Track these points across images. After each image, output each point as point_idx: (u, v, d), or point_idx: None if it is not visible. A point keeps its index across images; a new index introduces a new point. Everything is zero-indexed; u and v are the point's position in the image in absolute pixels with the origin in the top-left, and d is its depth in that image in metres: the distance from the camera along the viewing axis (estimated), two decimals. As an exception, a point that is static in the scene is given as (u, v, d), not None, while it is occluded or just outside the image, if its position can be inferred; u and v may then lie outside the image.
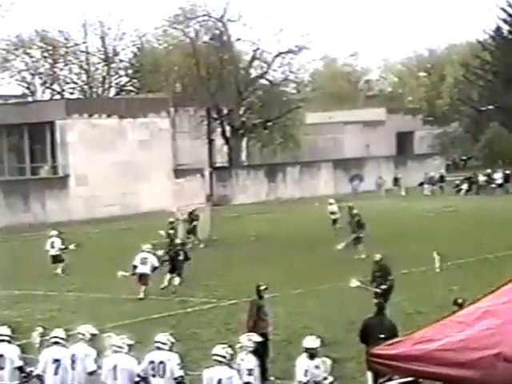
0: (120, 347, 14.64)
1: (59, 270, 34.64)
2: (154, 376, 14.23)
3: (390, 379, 11.73)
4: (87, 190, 61.38)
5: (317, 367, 14.07)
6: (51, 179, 63.36)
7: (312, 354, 14.08)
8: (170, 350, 14.37)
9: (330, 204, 46.58)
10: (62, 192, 61.95)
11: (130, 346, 14.70)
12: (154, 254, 30.17)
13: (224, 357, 13.60)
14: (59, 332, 15.38)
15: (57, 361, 15.02)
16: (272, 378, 17.66)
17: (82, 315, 22.26)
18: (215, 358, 13.63)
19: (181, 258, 30.84)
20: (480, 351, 9.79)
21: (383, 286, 22.60)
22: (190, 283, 30.51)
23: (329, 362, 14.26)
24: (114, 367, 14.48)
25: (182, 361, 14.27)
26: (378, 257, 23.61)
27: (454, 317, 10.81)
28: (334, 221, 44.92)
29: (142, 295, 28.91)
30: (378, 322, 16.89)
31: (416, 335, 10.62)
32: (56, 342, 15.20)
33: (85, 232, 49.75)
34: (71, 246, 35.54)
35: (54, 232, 36.33)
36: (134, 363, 14.48)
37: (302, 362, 14.12)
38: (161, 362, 14.24)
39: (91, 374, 14.84)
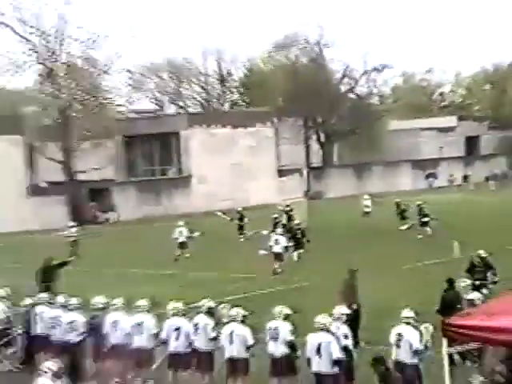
0: (235, 317, 14.75)
1: (187, 255, 34.69)
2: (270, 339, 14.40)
3: (461, 344, 11.57)
4: (206, 188, 61.93)
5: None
6: (177, 179, 64.12)
7: (408, 322, 13.84)
8: (285, 319, 14.49)
9: (365, 199, 46.21)
10: (186, 189, 62.65)
11: (244, 316, 14.81)
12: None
13: (324, 324, 13.60)
14: (178, 305, 15.53)
15: (177, 329, 15.22)
16: (362, 344, 17.53)
17: (202, 291, 22.41)
18: (317, 325, 13.63)
19: (299, 236, 32.23)
20: None
21: (496, 279, 20.70)
22: (294, 265, 30.49)
23: (431, 327, 13.87)
24: (231, 333, 14.60)
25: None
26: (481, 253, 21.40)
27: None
28: (366, 213, 44.79)
29: (279, 270, 29.19)
30: (453, 296, 16.65)
31: (484, 306, 10.45)
32: (175, 314, 15.39)
33: (205, 222, 50.20)
34: (196, 234, 35.83)
35: (181, 222, 36.59)
36: (247, 330, 14.57)
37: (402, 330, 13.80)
38: (275, 328, 14.40)
39: (212, 339, 14.99)
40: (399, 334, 13.68)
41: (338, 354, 13.31)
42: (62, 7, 57.56)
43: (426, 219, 38.65)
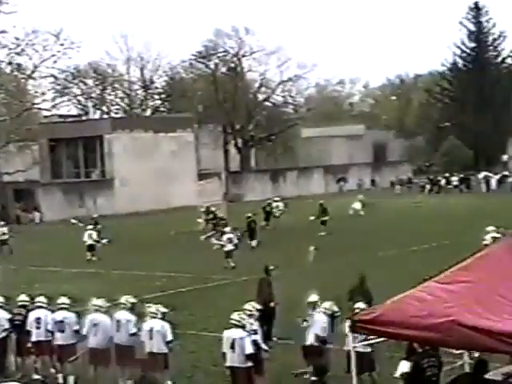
0: (155, 314, 14.68)
1: (93, 258, 33.96)
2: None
3: (366, 339, 11.73)
4: (129, 190, 61.37)
5: None
6: (100, 181, 63.40)
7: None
8: (162, 318, 14.49)
9: (276, 201, 46.70)
10: (109, 191, 62.00)
11: (163, 313, 14.75)
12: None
13: (238, 321, 13.65)
14: (99, 301, 15.39)
15: (96, 325, 15.08)
16: (274, 339, 17.62)
17: (123, 289, 22.25)
18: (232, 321, 13.69)
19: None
20: (440, 318, 9.78)
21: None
22: (212, 264, 30.52)
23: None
24: (151, 330, 14.53)
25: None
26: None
27: (418, 289, 10.79)
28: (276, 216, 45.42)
29: (232, 265, 29.28)
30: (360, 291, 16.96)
31: (388, 303, 10.59)
32: (96, 310, 15.26)
33: (128, 224, 49.95)
34: (104, 240, 35.44)
35: (91, 226, 35.99)
36: (167, 327, 14.52)
37: None
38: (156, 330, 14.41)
39: (132, 335, 14.89)
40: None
41: (250, 349, 13.39)
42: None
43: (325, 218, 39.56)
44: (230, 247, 30.14)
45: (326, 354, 14.27)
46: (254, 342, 13.65)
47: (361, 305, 13.99)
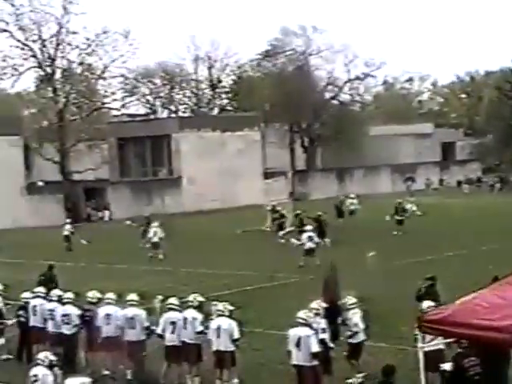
0: (222, 312, 14.79)
1: (160, 256, 33.86)
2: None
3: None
4: (196, 189, 61.80)
5: None
6: (168, 180, 64.04)
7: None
8: (229, 316, 14.58)
9: (352, 198, 46.34)
10: (177, 190, 62.57)
11: (230, 311, 14.85)
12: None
13: (304, 319, 13.66)
14: (173, 300, 15.58)
15: (173, 323, 15.25)
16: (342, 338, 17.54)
17: (191, 287, 22.46)
18: (297, 320, 13.71)
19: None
20: (509, 319, 9.67)
21: None
22: (278, 263, 30.54)
23: None
24: (218, 328, 14.64)
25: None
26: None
27: (487, 290, 10.68)
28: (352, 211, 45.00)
29: (317, 262, 28.32)
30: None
31: (457, 304, 10.50)
32: (171, 308, 15.43)
33: (194, 222, 50.37)
34: (161, 235, 34.78)
35: (156, 223, 35.85)
36: (234, 325, 14.62)
37: None
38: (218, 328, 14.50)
39: (199, 333, 15.02)
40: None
41: (316, 347, 13.39)
42: (60, 14, 57.45)
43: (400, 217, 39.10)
44: (310, 245, 30.06)
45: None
46: (322, 341, 13.67)
47: (429, 303, 13.82)
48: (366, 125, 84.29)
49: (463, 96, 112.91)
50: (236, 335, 14.55)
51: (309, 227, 31.83)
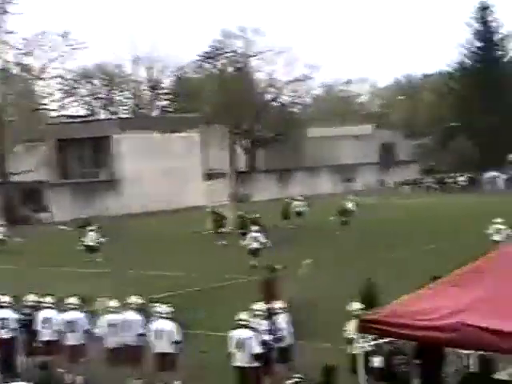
0: (163, 314, 14.72)
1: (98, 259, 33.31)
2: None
3: (375, 339, 11.76)
4: (137, 190, 61.41)
5: None
6: (109, 181, 63.48)
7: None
8: (170, 318, 14.59)
9: (299, 200, 46.59)
10: (118, 191, 62.08)
11: (171, 313, 14.79)
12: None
13: (245, 321, 13.67)
14: (113, 302, 15.45)
15: (113, 325, 15.12)
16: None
17: (135, 288, 22.30)
18: (239, 322, 13.70)
19: None
20: (449, 318, 9.82)
21: None
22: (222, 264, 30.54)
23: None
24: (159, 330, 14.55)
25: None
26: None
27: (426, 289, 10.83)
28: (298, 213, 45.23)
29: (256, 264, 28.48)
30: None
31: (397, 304, 10.62)
32: (111, 311, 15.31)
33: (136, 224, 50.01)
34: (102, 239, 34.26)
35: (94, 227, 35.03)
36: (175, 327, 14.56)
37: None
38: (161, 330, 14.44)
39: (141, 335, 14.93)
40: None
41: (257, 349, 13.41)
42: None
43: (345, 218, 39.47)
44: (255, 246, 30.08)
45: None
46: (264, 342, 13.70)
47: (358, 305, 13.99)
48: (307, 126, 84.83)
49: (402, 98, 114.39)
50: (177, 337, 14.49)
51: (254, 227, 31.84)
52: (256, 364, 13.44)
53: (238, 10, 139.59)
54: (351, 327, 13.67)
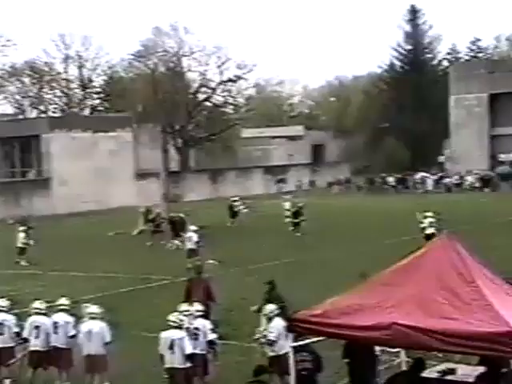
0: (94, 315, 14.54)
1: (22, 262, 32.44)
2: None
3: (305, 338, 11.82)
4: (67, 190, 60.66)
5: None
6: (37, 181, 62.50)
7: (270, 318, 14.04)
8: (101, 319, 14.42)
9: (235, 201, 46.76)
10: (47, 191, 61.16)
11: (102, 314, 14.62)
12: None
13: (176, 322, 13.60)
14: (38, 304, 15.20)
15: (37, 327, 14.88)
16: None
17: (63, 290, 22.01)
18: (169, 323, 13.63)
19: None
20: (378, 317, 9.91)
21: None
22: (151, 265, 30.37)
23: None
24: (89, 331, 14.38)
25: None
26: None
27: (356, 289, 10.91)
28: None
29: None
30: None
31: (328, 303, 10.68)
32: (36, 312, 15.05)
33: (66, 224, 49.31)
34: (31, 242, 33.33)
35: (22, 228, 33.98)
36: (105, 328, 14.40)
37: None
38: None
39: (72, 337, 14.73)
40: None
41: (189, 349, 13.37)
42: None
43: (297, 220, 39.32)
44: (189, 246, 29.88)
45: None
46: (211, 342, 13.83)
47: (271, 306, 14.07)
48: (239, 127, 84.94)
49: (333, 99, 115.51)
50: (108, 339, 14.34)
51: (192, 227, 31.64)
52: (188, 365, 13.38)
53: (170, 9, 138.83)
54: (264, 328, 13.88)
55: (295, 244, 34.95)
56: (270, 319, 13.90)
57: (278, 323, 13.36)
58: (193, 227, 31.60)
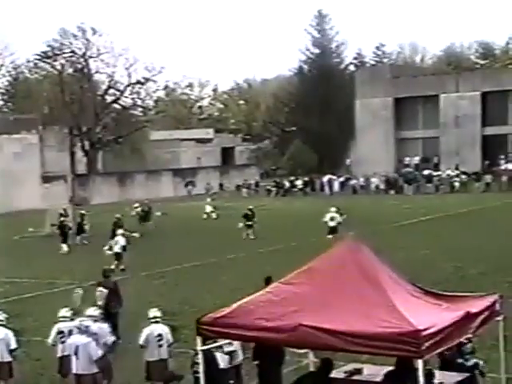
0: (-1, 321, 14.20)
1: None
2: None
3: (215, 341, 11.81)
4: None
5: (159, 334, 13.96)
6: None
7: (156, 321, 14.03)
8: (5, 325, 14.18)
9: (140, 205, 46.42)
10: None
11: (6, 319, 14.28)
12: None
13: (81, 327, 13.36)
14: None
15: None
16: (120, 341, 17.37)
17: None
18: (73, 328, 13.41)
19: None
20: (284, 319, 9.97)
21: None
22: (56, 269, 29.85)
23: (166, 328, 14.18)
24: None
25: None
26: None
27: (263, 291, 10.95)
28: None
29: (122, 267, 28.57)
30: None
31: (234, 306, 10.69)
32: None
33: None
34: None
35: None
36: (10, 334, 14.08)
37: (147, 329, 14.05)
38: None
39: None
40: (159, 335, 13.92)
41: (97, 353, 13.14)
42: None
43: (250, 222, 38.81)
44: (117, 250, 29.46)
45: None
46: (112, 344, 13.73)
47: (155, 312, 14.24)
48: (148, 129, 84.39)
49: (242, 102, 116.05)
50: (13, 345, 14.00)
51: (119, 231, 31.12)
52: (95, 370, 13.15)
53: (76, 10, 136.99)
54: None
55: (206, 246, 34.89)
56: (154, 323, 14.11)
57: (152, 329, 13.84)
58: (120, 231, 31.21)
